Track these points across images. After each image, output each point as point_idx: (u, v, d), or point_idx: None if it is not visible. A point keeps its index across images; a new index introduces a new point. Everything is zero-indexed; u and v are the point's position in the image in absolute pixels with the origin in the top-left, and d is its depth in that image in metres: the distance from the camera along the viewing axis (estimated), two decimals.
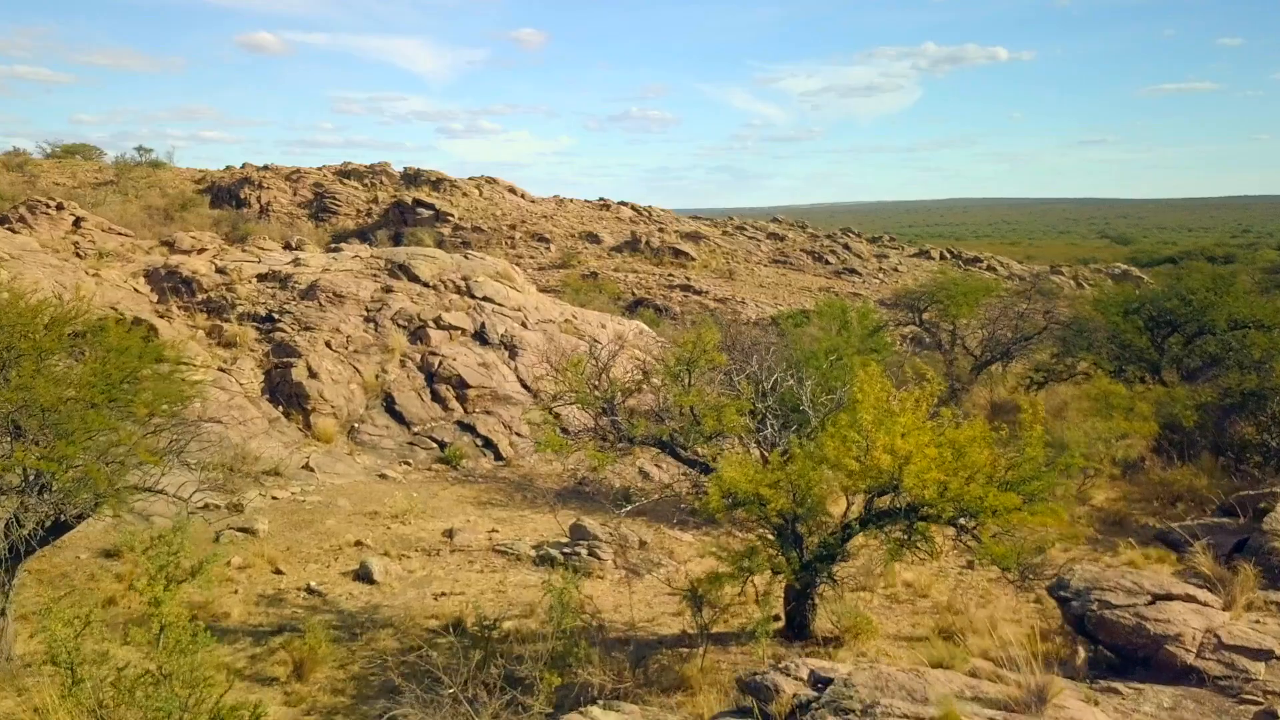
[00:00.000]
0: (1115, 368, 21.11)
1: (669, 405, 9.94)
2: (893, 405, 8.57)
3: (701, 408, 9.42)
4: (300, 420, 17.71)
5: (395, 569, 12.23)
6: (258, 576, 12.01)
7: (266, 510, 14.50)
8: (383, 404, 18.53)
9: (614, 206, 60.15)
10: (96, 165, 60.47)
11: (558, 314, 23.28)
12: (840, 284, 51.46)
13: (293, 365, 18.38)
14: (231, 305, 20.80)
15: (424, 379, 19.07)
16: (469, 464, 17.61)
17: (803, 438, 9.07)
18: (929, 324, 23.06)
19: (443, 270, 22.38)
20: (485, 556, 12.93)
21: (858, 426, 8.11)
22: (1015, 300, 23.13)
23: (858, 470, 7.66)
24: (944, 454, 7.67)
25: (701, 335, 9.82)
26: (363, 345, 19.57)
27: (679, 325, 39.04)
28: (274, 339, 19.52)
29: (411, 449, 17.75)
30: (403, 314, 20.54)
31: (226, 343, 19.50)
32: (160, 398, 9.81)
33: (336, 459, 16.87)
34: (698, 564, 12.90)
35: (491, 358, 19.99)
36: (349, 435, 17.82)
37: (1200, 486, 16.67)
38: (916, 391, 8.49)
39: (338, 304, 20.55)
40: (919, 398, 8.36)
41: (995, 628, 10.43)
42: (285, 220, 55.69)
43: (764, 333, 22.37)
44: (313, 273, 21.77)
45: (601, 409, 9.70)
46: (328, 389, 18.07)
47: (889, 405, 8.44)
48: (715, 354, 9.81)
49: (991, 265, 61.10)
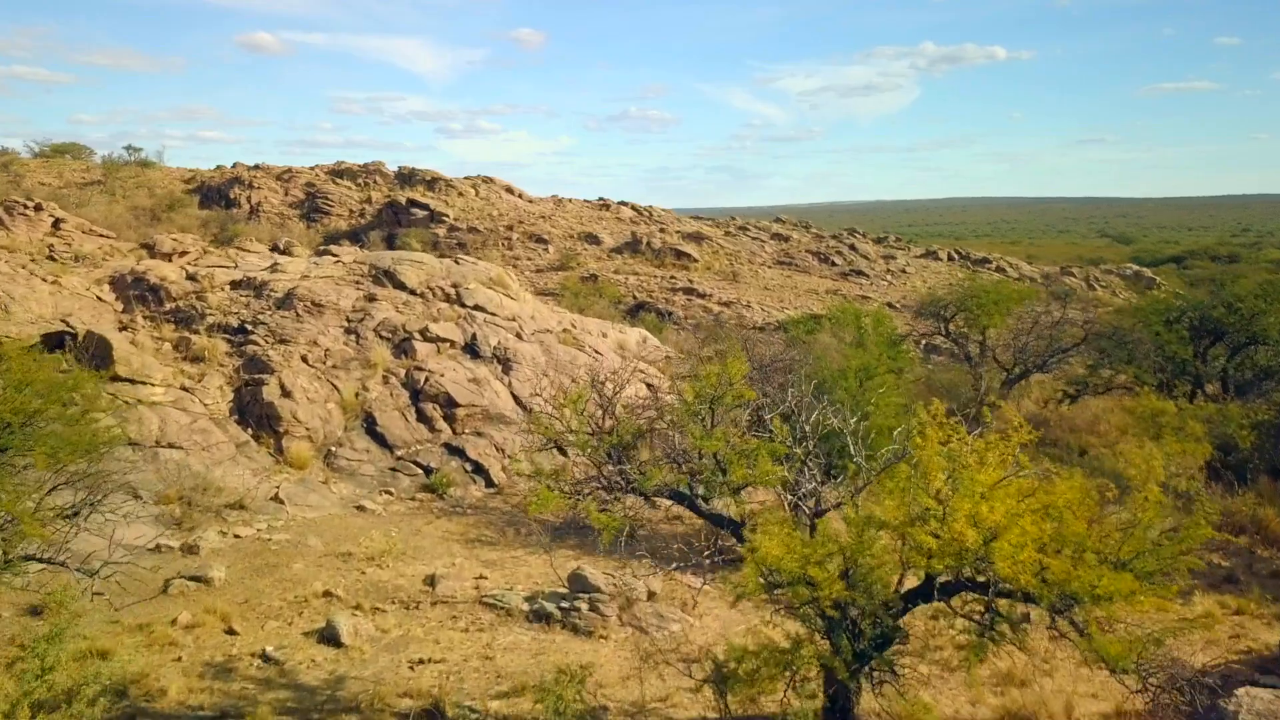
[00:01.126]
0: (1159, 381, 19.49)
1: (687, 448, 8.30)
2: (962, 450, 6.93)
3: (727, 453, 7.80)
4: (271, 444, 16.07)
5: (366, 628, 10.58)
6: (207, 638, 10.36)
7: (226, 552, 12.85)
8: (363, 425, 16.89)
9: (614, 207, 58.50)
10: (85, 165, 58.99)
11: (555, 323, 21.64)
12: (847, 286, 49.84)
13: (264, 383, 16.73)
14: (201, 315, 19.16)
15: (409, 397, 17.43)
16: (457, 492, 15.97)
17: (852, 493, 7.43)
18: (956, 334, 21.37)
19: (431, 276, 20.73)
20: (471, 610, 11.28)
21: (927, 485, 6.47)
22: (1050, 308, 21.44)
23: (935, 548, 6.04)
24: (1042, 526, 6.05)
25: (727, 366, 8.19)
26: (342, 360, 17.92)
27: (682, 330, 37.45)
28: (246, 352, 17.88)
29: (394, 476, 16.10)
30: (386, 325, 18.89)
31: (194, 356, 17.85)
32: (65, 446, 8.13)
33: (310, 489, 15.22)
34: (715, 619, 11.28)
35: (483, 373, 18.35)
36: (325, 460, 16.18)
37: (1267, 517, 15.10)
38: (995, 439, 6.85)
39: (316, 314, 18.90)
40: (1000, 447, 6.72)
41: (1071, 711, 8.82)
42: (276, 221, 54.10)
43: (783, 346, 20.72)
44: (290, 280, 20.13)
45: (607, 454, 8.07)
46: (302, 409, 16.42)
47: (961, 453, 6.80)
48: (743, 388, 8.18)
49: (1000, 266, 59.56)
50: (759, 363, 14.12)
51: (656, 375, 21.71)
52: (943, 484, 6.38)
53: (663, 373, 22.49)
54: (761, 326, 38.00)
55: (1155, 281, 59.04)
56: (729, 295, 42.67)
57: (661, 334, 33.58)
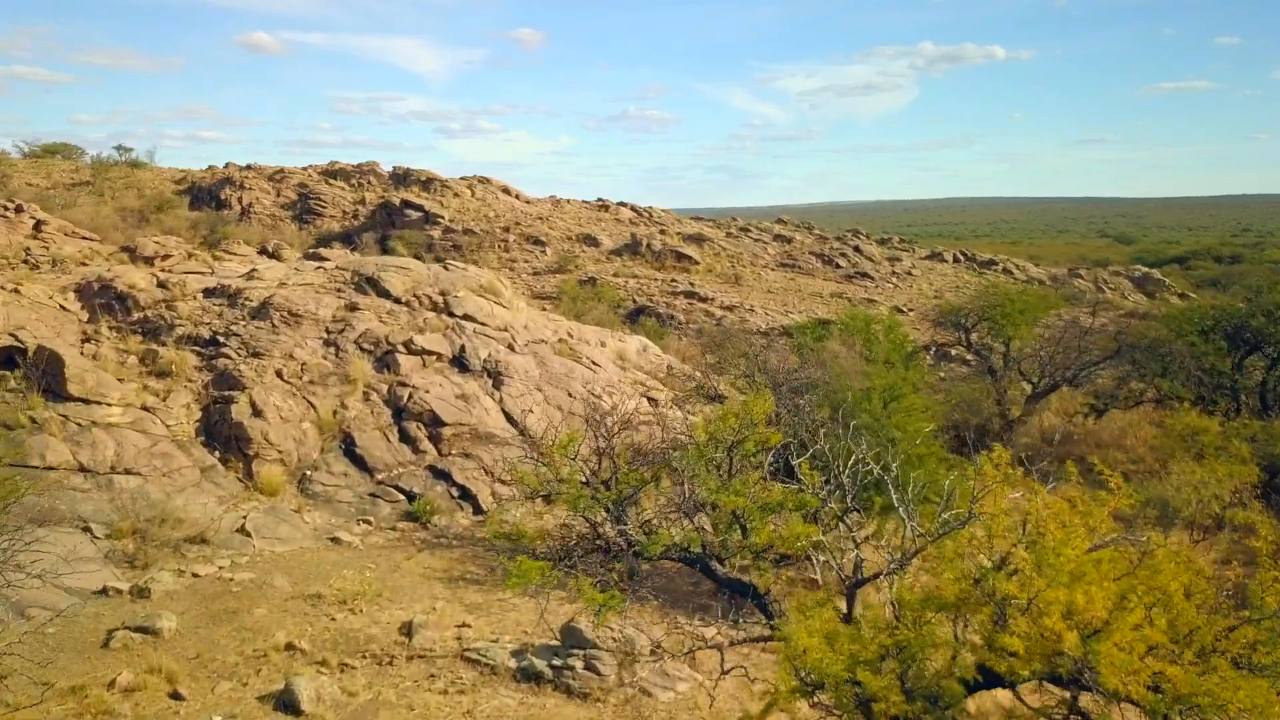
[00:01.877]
0: (1196, 395, 18.20)
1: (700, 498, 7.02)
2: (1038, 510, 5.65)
3: (749, 509, 6.52)
4: (240, 468, 14.77)
5: (331, 691, 9.28)
6: (148, 705, 9.06)
7: (181, 595, 11.55)
8: (341, 446, 15.59)
9: (613, 208, 57.21)
10: (74, 165, 57.85)
11: (550, 332, 20.35)
12: (852, 289, 48.56)
13: (234, 400, 15.43)
14: (171, 326, 17.85)
15: (391, 415, 16.13)
16: (442, 521, 14.68)
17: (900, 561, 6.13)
18: (979, 345, 20.02)
19: (417, 284, 19.42)
20: (452, 667, 9.99)
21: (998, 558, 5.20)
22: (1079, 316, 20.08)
23: (1022, 652, 4.77)
24: (1154, 621, 4.79)
25: (749, 405, 6.91)
26: (320, 374, 16.62)
27: (684, 336, 36.17)
28: (217, 366, 16.58)
29: (373, 502, 14.80)
30: (369, 336, 17.59)
31: (160, 371, 16.54)
32: None
33: (280, 518, 13.91)
34: (730, 679, 9.98)
35: (472, 388, 17.05)
36: (299, 485, 14.88)
37: None
38: (1081, 500, 5.56)
39: (293, 325, 17.59)
40: (1090, 511, 5.43)
41: None
42: (268, 223, 52.89)
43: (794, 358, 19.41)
44: (267, 287, 18.82)
45: (605, 511, 6.80)
46: (274, 429, 15.11)
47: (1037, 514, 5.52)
48: (767, 431, 6.89)
49: (1007, 268, 58.36)
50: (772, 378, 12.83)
51: (659, 388, 20.44)
52: (1022, 561, 5.10)
53: (664, 384, 21.22)
54: (765, 331, 36.74)
55: (1164, 284, 57.86)
56: (731, 299, 41.37)
57: (663, 340, 32.28)
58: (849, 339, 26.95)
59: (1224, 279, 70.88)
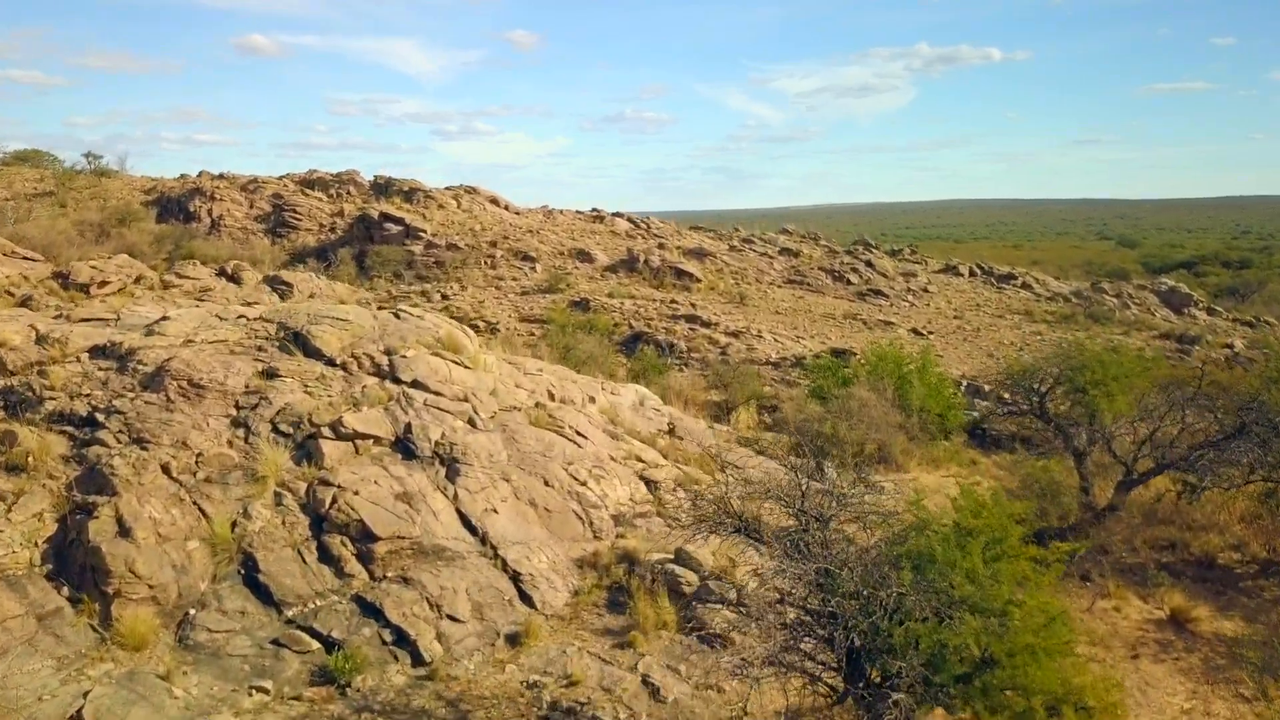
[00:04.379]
0: None
1: None
2: None
3: None
4: (97, 612, 10.98)
5: None
6: None
7: None
8: (239, 572, 11.78)
9: (608, 219, 53.48)
10: (38, 174, 54.37)
11: (526, 395, 16.57)
12: (866, 308, 44.86)
13: (95, 514, 11.63)
14: (40, 398, 14.07)
15: (309, 525, 12.33)
16: (370, 681, 10.87)
17: None
18: (1058, 418, 16.00)
19: (357, 340, 15.62)
20: None
21: None
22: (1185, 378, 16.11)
23: None
24: None
25: None
26: (220, 469, 12.82)
27: (687, 367, 32.45)
28: (88, 457, 12.81)
29: (277, 655, 10.99)
30: (288, 414, 13.78)
31: (12, 465, 12.76)
32: None
33: (138, 693, 10.10)
34: None
35: (418, 482, 13.25)
36: (178, 631, 11.08)
37: None
38: None
39: (193, 399, 13.80)
40: None
41: None
42: (239, 236, 49.22)
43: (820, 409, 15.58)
44: (168, 345, 15.02)
45: None
46: (144, 556, 11.31)
47: None
48: None
49: (1026, 283, 54.88)
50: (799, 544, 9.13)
51: (659, 462, 16.64)
52: None
53: (667, 454, 17.44)
54: (776, 363, 33.05)
55: (1192, 298, 54.18)
56: (737, 323, 37.63)
57: (663, 377, 28.55)
58: (878, 383, 23.23)
59: (1241, 288, 67.52)
